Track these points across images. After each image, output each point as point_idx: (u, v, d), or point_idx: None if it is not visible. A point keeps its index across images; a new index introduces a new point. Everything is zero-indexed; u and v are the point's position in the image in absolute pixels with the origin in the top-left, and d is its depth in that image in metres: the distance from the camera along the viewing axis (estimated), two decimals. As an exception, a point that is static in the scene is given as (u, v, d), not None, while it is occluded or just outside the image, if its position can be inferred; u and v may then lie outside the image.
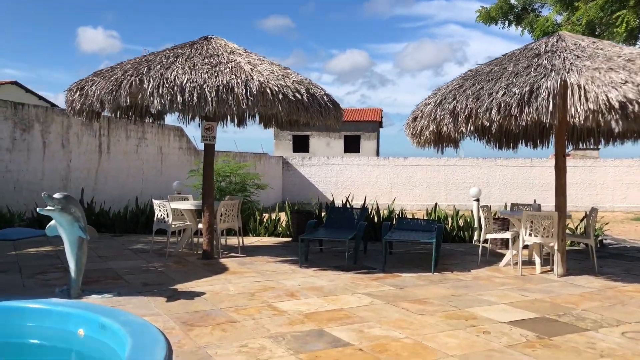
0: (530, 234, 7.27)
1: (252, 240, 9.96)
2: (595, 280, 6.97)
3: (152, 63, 6.98)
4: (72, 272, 5.73)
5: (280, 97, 6.75)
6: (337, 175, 27.41)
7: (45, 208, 5.43)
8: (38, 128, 11.88)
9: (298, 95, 6.93)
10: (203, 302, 5.65)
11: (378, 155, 34.92)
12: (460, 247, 9.66)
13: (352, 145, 36.12)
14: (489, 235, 8.15)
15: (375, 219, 10.41)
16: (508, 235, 7.95)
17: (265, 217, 11.01)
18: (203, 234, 8.03)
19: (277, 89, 6.75)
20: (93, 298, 5.68)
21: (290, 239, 10.00)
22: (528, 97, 6.01)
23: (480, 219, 8.47)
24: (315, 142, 36.15)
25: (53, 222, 5.68)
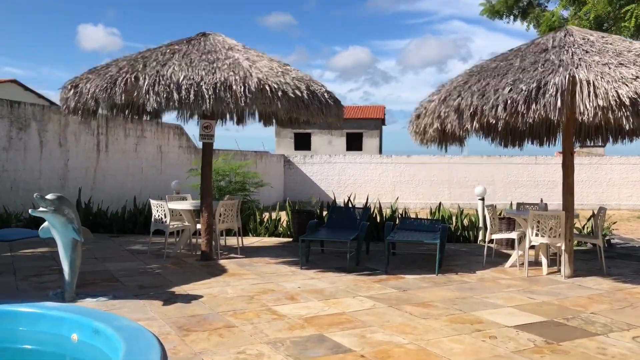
0: (537, 234, 7.09)
1: (252, 241, 9.80)
2: (604, 282, 6.78)
3: (148, 60, 6.81)
4: (66, 275, 5.58)
5: (280, 94, 6.57)
6: (339, 174, 27.21)
7: (38, 209, 5.29)
8: (35, 127, 11.73)
9: (298, 93, 6.75)
10: (200, 305, 5.49)
11: (381, 153, 34.70)
12: (465, 247, 9.48)
13: (354, 143, 35.89)
14: (495, 236, 7.96)
15: (378, 219, 10.23)
16: (514, 236, 7.77)
17: (266, 216, 10.84)
18: (201, 235, 7.87)
19: (276, 86, 6.57)
20: (88, 302, 5.53)
21: (291, 239, 9.83)
22: (535, 93, 5.82)
23: (486, 219, 8.29)
24: (317, 140, 35.96)
25: (46, 223, 5.53)
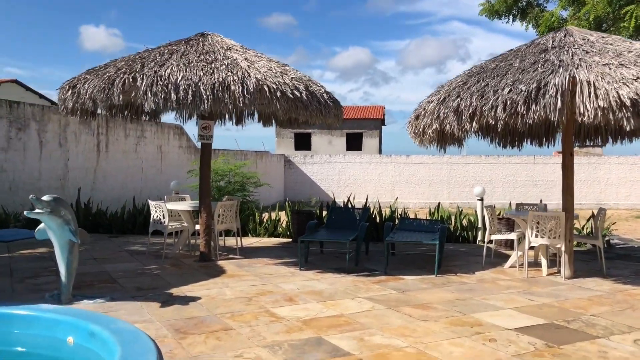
0: (537, 235, 7.05)
1: (251, 241, 9.76)
2: (604, 283, 6.75)
3: (146, 60, 6.77)
4: (62, 276, 5.54)
5: (279, 94, 6.53)
6: (339, 174, 27.19)
7: (34, 211, 5.25)
8: (34, 127, 11.69)
9: (297, 93, 6.71)
10: (198, 307, 5.46)
11: (380, 153, 34.67)
12: (464, 247, 9.44)
13: (354, 143, 35.86)
14: (494, 236, 7.93)
15: (377, 219, 10.20)
16: (513, 236, 7.73)
17: (265, 217, 10.80)
18: (200, 236, 7.84)
19: (274, 87, 6.53)
20: (84, 304, 5.49)
21: (291, 240, 9.80)
22: (535, 94, 5.78)
23: (485, 219, 8.26)
24: (317, 139, 35.92)
25: (42, 225, 5.50)
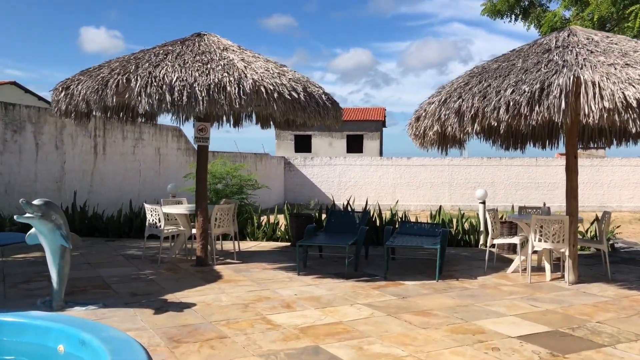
0: (540, 239, 6.90)
1: (249, 245, 9.61)
2: (609, 288, 6.59)
3: (140, 61, 6.63)
4: (54, 282, 5.41)
5: (276, 96, 6.39)
6: (339, 176, 27.03)
7: (24, 215, 5.11)
8: (30, 129, 11.56)
9: (294, 94, 6.57)
10: (193, 314, 5.31)
11: (381, 155, 34.51)
12: (466, 251, 9.29)
13: (354, 145, 35.71)
14: (496, 241, 7.78)
15: (377, 223, 10.05)
16: (516, 241, 7.58)
17: (264, 220, 10.65)
18: (197, 240, 7.69)
19: (272, 88, 6.39)
20: (76, 310, 5.35)
21: (289, 244, 9.65)
22: (539, 94, 5.63)
23: (487, 223, 8.11)
24: (318, 142, 35.78)
25: (33, 229, 5.36)
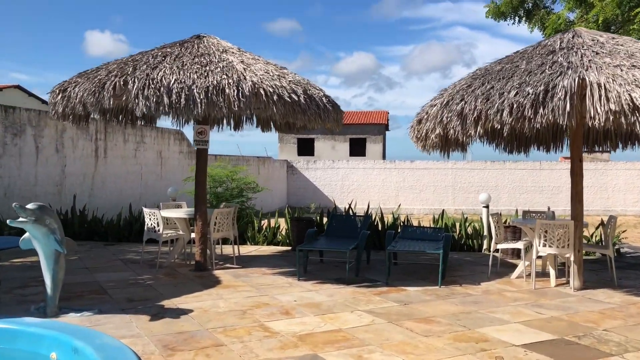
0: (545, 244, 6.77)
1: (249, 250, 9.50)
2: (615, 295, 6.46)
3: (138, 63, 6.55)
4: (48, 288, 5.31)
5: (275, 98, 6.29)
6: (342, 179, 26.91)
7: (17, 220, 5.02)
8: (30, 132, 11.49)
9: (294, 97, 6.47)
10: (189, 321, 5.20)
11: (384, 159, 34.37)
12: (469, 256, 9.15)
13: (357, 149, 35.58)
14: (500, 246, 7.64)
15: (379, 227, 9.93)
16: (520, 246, 7.45)
17: (265, 224, 10.54)
18: (196, 244, 7.59)
19: (271, 90, 6.29)
20: (71, 317, 5.25)
21: (290, 248, 9.53)
22: (543, 97, 5.52)
23: (490, 227, 7.98)
24: (321, 145, 35.67)
25: (27, 234, 5.27)
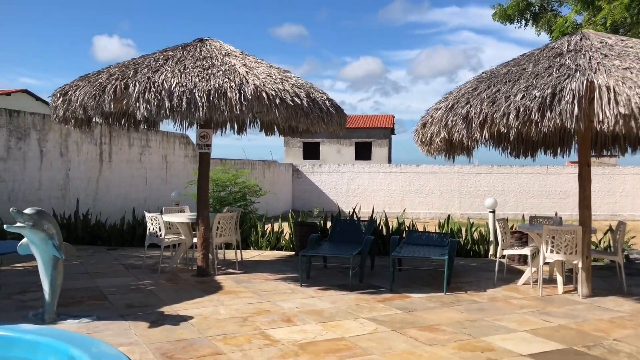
0: (552, 251, 6.64)
1: (252, 255, 9.41)
2: (625, 303, 6.31)
3: (140, 66, 6.48)
4: (46, 294, 5.24)
5: (278, 101, 6.21)
6: (348, 183, 26.81)
7: (14, 225, 4.95)
8: (35, 136, 11.47)
9: (297, 100, 6.38)
10: (189, 328, 5.11)
11: (390, 163, 34.27)
12: (475, 262, 9.02)
13: (363, 152, 35.48)
14: (507, 252, 7.52)
15: (384, 232, 9.81)
16: (527, 252, 7.31)
17: (268, 228, 10.44)
18: (198, 249, 7.51)
19: (273, 93, 6.21)
20: (69, 323, 5.17)
21: (293, 253, 9.43)
22: (550, 100, 5.40)
23: (497, 233, 7.85)
24: (326, 149, 35.60)
25: (25, 239, 5.20)
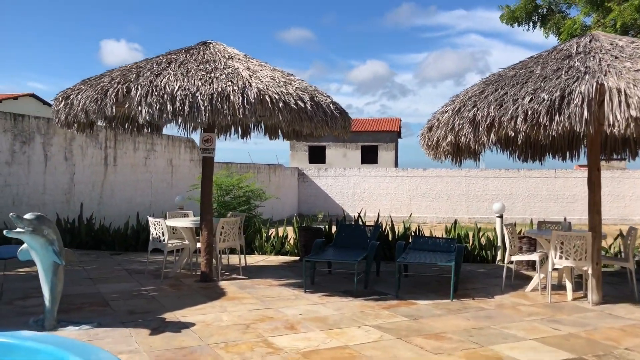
0: (561, 257, 6.51)
1: (257, 260, 9.32)
2: (637, 310, 6.17)
3: (142, 70, 6.42)
4: (46, 301, 5.17)
5: (281, 105, 6.12)
6: (354, 187, 26.69)
7: (14, 230, 4.89)
8: (39, 140, 11.45)
9: (301, 104, 6.30)
10: (190, 335, 5.02)
11: (396, 166, 34.10)
12: (483, 267, 8.89)
13: (369, 156, 35.35)
14: (514, 257, 7.39)
15: (390, 237, 9.70)
16: (535, 257, 7.18)
17: (272, 233, 10.35)
18: (201, 254, 7.43)
19: (277, 97, 6.13)
20: (69, 330, 5.09)
21: (298, 258, 9.34)
22: (559, 103, 5.29)
23: (504, 238, 7.73)
24: (332, 152, 35.49)
25: (25, 245, 5.14)
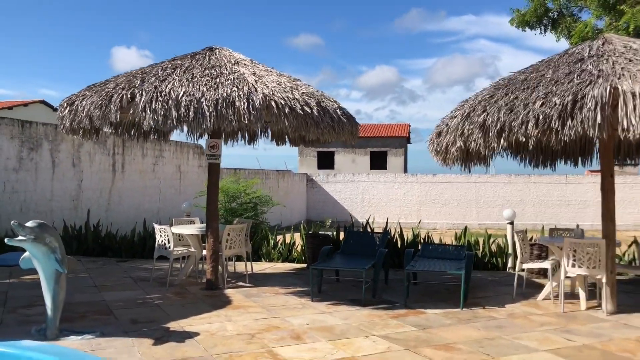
0: (574, 265, 6.35)
1: (263, 267, 9.22)
2: (653, 320, 6.00)
3: (147, 75, 6.37)
4: (48, 310, 5.09)
5: (287, 110, 6.04)
6: (363, 193, 26.56)
7: (16, 238, 4.83)
8: (47, 147, 11.45)
9: (307, 109, 6.20)
10: (194, 345, 4.92)
11: (406, 172, 33.94)
12: (493, 275, 8.73)
13: (378, 162, 35.22)
14: (526, 265, 7.23)
15: (399, 244, 9.56)
16: (547, 265, 7.02)
17: (280, 239, 10.25)
18: (207, 262, 7.34)
19: (283, 102, 6.04)
20: (71, 340, 5.01)
21: (305, 266, 9.22)
22: (571, 107, 5.16)
23: (515, 245, 7.58)
24: (341, 158, 35.40)
25: (27, 253, 5.08)
